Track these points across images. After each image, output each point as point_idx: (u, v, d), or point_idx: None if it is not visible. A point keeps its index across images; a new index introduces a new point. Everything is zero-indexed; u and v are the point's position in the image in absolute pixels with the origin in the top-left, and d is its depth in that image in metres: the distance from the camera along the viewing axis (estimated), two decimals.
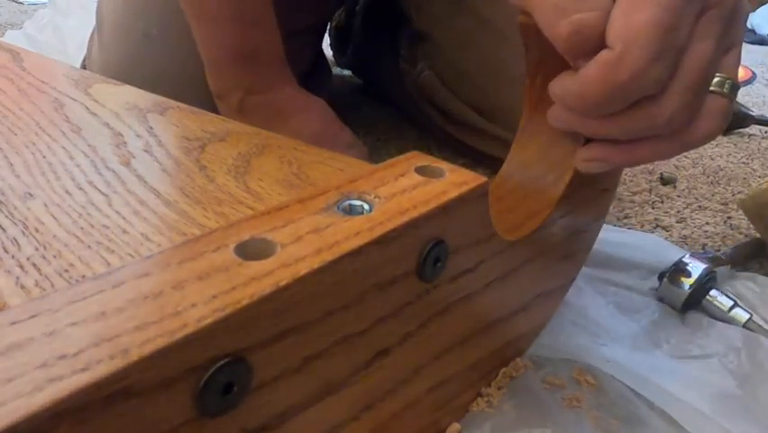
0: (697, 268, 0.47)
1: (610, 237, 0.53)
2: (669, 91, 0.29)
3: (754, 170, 0.78)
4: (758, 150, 0.85)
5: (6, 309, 0.21)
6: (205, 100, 0.58)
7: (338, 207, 0.24)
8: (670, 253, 0.52)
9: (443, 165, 0.28)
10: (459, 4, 0.72)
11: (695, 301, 0.46)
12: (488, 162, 0.71)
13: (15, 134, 0.40)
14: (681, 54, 0.28)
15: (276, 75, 0.59)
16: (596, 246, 0.44)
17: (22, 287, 0.26)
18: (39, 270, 0.27)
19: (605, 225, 0.46)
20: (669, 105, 0.29)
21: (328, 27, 0.94)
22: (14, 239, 0.29)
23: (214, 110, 0.59)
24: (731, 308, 0.45)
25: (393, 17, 0.83)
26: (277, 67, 0.59)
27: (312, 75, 0.78)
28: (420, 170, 0.27)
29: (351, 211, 0.24)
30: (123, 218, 0.31)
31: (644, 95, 0.29)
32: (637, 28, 0.27)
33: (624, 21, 0.27)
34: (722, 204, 0.68)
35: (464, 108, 0.73)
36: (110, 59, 0.68)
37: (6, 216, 0.31)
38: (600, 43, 0.28)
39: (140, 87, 0.50)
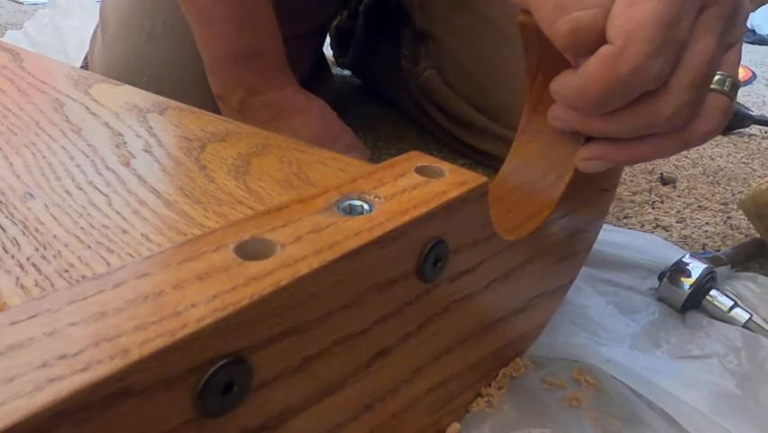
0: (697, 268, 0.47)
1: (610, 237, 0.53)
2: (670, 88, 0.29)
3: (754, 170, 0.78)
4: (758, 150, 0.85)
5: (6, 309, 0.21)
6: (209, 99, 0.58)
7: (338, 208, 0.24)
8: (670, 253, 0.52)
9: (443, 165, 0.27)
10: (461, 4, 0.72)
11: (695, 301, 0.46)
12: (489, 162, 0.71)
13: (15, 134, 0.40)
14: (682, 50, 0.28)
15: (277, 75, 0.59)
16: (596, 246, 0.44)
17: (22, 287, 0.26)
18: (39, 270, 0.27)
19: (605, 225, 0.46)
20: (670, 102, 0.29)
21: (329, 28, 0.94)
22: (14, 239, 0.29)
23: (219, 109, 0.59)
24: (731, 308, 0.45)
25: (395, 17, 0.83)
26: (278, 67, 0.59)
27: (313, 77, 0.78)
28: (420, 170, 0.27)
29: (351, 211, 0.24)
30: (123, 218, 0.31)
31: (645, 90, 0.29)
32: (638, 22, 0.27)
33: (624, 15, 0.27)
34: (722, 204, 0.68)
35: (467, 107, 0.73)
36: (114, 57, 0.68)
37: (6, 216, 0.31)
38: (600, 41, 0.28)
39: (144, 86, 0.50)
